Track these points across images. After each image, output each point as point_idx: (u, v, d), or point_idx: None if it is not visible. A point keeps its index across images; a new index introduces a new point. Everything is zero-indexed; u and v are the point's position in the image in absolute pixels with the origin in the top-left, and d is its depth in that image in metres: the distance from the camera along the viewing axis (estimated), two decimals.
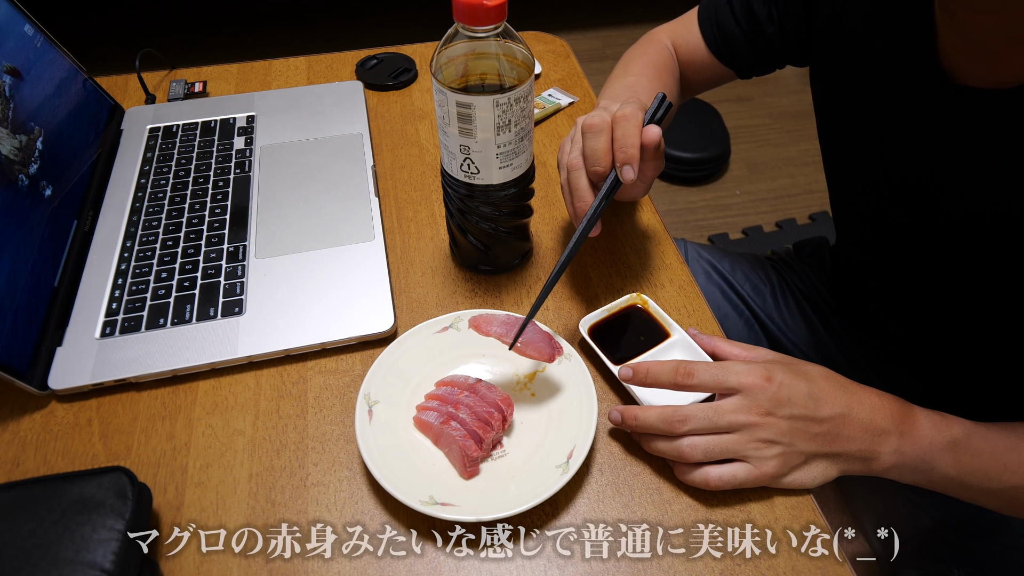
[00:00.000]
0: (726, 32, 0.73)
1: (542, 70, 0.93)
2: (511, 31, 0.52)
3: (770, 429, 0.48)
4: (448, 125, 0.55)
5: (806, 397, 0.49)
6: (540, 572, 0.48)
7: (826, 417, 0.49)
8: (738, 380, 0.49)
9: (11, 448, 0.55)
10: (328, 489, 0.52)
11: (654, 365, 0.52)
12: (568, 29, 2.50)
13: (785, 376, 0.49)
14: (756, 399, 0.48)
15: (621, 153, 0.54)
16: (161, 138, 0.81)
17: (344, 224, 0.70)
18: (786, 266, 0.88)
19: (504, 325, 0.55)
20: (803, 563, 0.48)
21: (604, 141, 0.55)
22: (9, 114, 0.65)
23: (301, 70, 0.93)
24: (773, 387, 0.49)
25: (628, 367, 0.53)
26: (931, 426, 0.51)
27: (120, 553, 0.44)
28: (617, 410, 0.52)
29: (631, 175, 0.53)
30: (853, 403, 0.50)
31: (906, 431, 0.50)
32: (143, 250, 0.68)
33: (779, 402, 0.48)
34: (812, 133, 2.37)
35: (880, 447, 0.49)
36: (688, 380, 0.50)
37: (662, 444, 0.51)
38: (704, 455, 0.49)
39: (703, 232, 1.84)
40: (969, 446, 0.51)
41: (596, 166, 0.55)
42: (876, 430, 0.50)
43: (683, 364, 0.50)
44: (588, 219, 0.55)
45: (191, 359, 0.59)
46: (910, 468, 0.50)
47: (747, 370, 0.49)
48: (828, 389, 0.50)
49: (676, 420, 0.49)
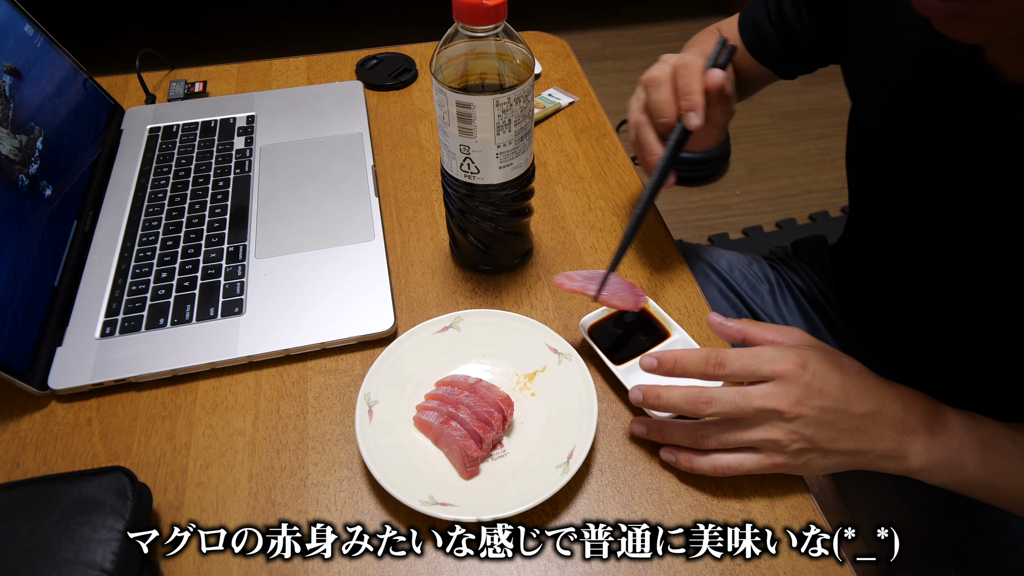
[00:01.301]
0: (760, 31, 0.73)
1: (542, 70, 0.93)
2: (511, 31, 0.52)
3: (795, 422, 0.47)
4: (448, 125, 0.55)
5: (840, 390, 0.47)
6: (540, 572, 0.48)
7: (857, 413, 0.47)
8: (771, 368, 0.47)
9: (11, 448, 0.55)
10: (328, 489, 0.52)
11: (682, 354, 0.50)
12: (568, 29, 2.50)
13: (820, 365, 0.47)
14: (787, 388, 0.46)
15: (684, 101, 0.54)
16: (161, 138, 0.81)
17: (344, 224, 0.70)
18: (784, 264, 0.88)
19: (586, 279, 0.57)
20: (803, 563, 0.48)
21: (666, 92, 0.55)
22: (9, 114, 0.65)
23: (301, 70, 0.93)
24: (807, 376, 0.47)
25: (652, 356, 0.51)
26: (961, 426, 0.50)
27: (120, 553, 0.44)
28: (639, 388, 0.51)
29: (696, 121, 0.54)
30: (885, 400, 0.48)
31: (936, 431, 0.49)
32: (143, 250, 0.68)
33: (811, 392, 0.46)
34: (812, 133, 2.36)
35: (910, 446, 0.48)
36: (719, 371, 0.47)
37: (678, 430, 0.50)
38: (718, 443, 0.48)
39: (703, 232, 1.84)
40: (998, 446, 0.50)
41: (661, 118, 0.55)
42: (907, 428, 0.48)
43: (715, 353, 0.48)
44: (659, 170, 0.56)
45: (191, 359, 0.59)
46: (940, 469, 0.49)
47: (780, 357, 0.47)
48: (863, 384, 0.48)
49: (701, 401, 0.47)
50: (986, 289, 0.60)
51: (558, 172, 0.79)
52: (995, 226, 0.56)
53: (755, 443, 0.48)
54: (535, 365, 0.58)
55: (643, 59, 2.40)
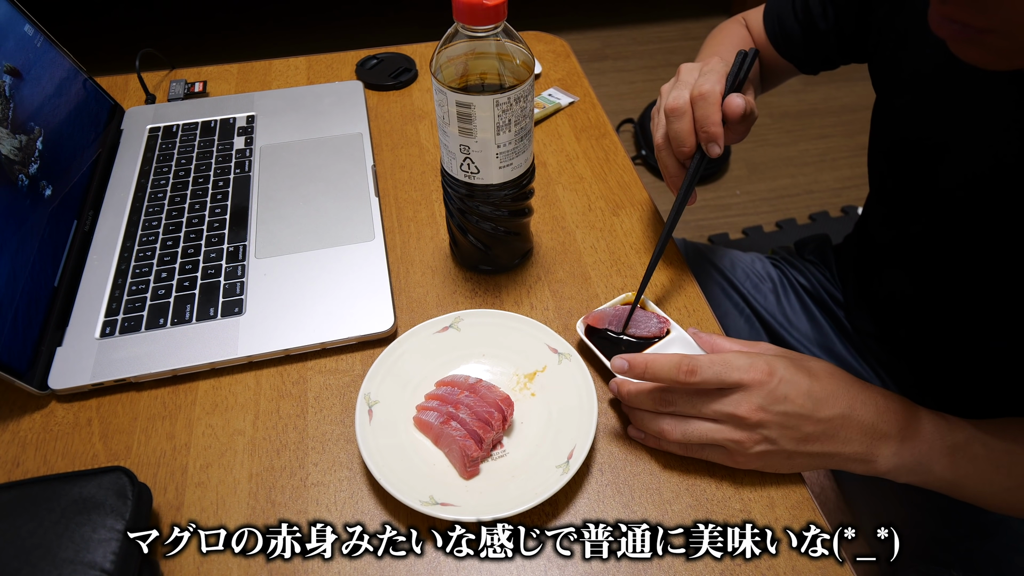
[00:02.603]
0: (784, 26, 0.73)
1: (542, 70, 0.93)
2: (511, 31, 0.52)
3: (758, 428, 0.48)
4: (448, 125, 0.55)
5: (805, 396, 0.48)
6: (540, 572, 0.48)
7: (824, 418, 0.48)
8: (739, 376, 0.48)
9: (11, 448, 0.55)
10: (328, 489, 0.52)
11: (654, 359, 0.50)
12: (568, 29, 2.50)
13: (787, 372, 0.48)
14: (751, 395, 0.48)
15: (703, 133, 0.56)
16: (161, 138, 0.81)
17: (344, 224, 0.70)
18: (787, 263, 0.88)
19: (614, 317, 0.60)
20: (803, 563, 0.48)
21: (687, 123, 0.57)
22: (9, 114, 0.65)
23: (301, 70, 0.93)
24: (773, 382, 0.48)
25: (623, 358, 0.51)
26: (934, 430, 0.51)
27: (120, 553, 0.44)
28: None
29: (717, 151, 0.57)
30: (856, 404, 0.49)
31: (908, 435, 0.50)
32: (143, 250, 0.68)
33: (775, 398, 0.47)
34: (812, 133, 2.36)
35: (879, 451, 0.49)
36: (690, 378, 0.48)
37: (648, 417, 0.51)
38: (683, 436, 0.50)
39: (703, 232, 1.84)
40: (968, 451, 0.51)
41: (682, 147, 0.58)
42: (877, 433, 0.49)
43: (686, 360, 0.48)
44: (683, 192, 0.59)
45: (191, 359, 0.59)
46: (906, 470, 0.50)
47: (749, 365, 0.48)
48: (832, 388, 0.49)
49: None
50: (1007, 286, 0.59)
51: (558, 172, 0.79)
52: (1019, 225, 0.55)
53: (718, 442, 0.49)
54: (535, 365, 0.58)
55: (643, 59, 2.40)
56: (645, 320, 0.59)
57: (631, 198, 0.75)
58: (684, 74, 0.61)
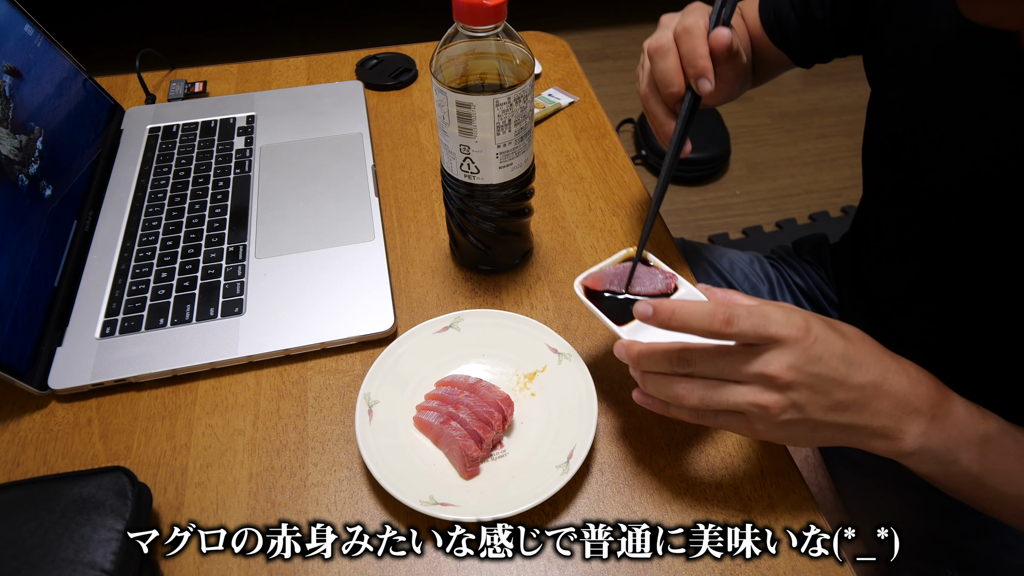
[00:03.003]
0: (780, 14, 0.71)
1: (542, 70, 0.93)
2: (511, 31, 0.52)
3: (789, 390, 0.42)
4: (448, 125, 0.55)
5: (840, 358, 0.43)
6: (540, 572, 0.48)
7: (857, 384, 0.43)
8: (776, 330, 0.42)
9: (11, 448, 0.55)
10: (328, 489, 0.52)
11: (683, 305, 0.43)
12: (568, 29, 2.50)
13: (822, 331, 0.43)
14: (784, 353, 0.42)
15: (691, 68, 0.52)
16: (161, 138, 0.81)
17: (344, 224, 0.70)
18: (784, 263, 0.88)
19: (615, 275, 0.54)
20: (803, 563, 0.48)
21: (672, 61, 0.53)
22: (9, 114, 0.65)
23: (301, 70, 0.93)
24: (809, 339, 0.42)
25: (648, 303, 0.44)
26: (967, 414, 0.47)
27: (120, 553, 0.44)
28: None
29: (708, 87, 0.52)
30: (889, 372, 0.45)
31: (939, 415, 0.46)
32: (143, 250, 0.68)
33: (809, 358, 0.42)
34: (812, 133, 2.35)
35: (907, 427, 0.45)
36: (727, 329, 0.42)
37: (659, 380, 0.45)
38: (701, 401, 0.44)
39: (703, 232, 1.84)
40: (999, 444, 0.47)
41: (669, 88, 0.53)
42: (908, 408, 0.45)
43: (723, 308, 0.42)
44: (675, 143, 0.54)
45: (191, 359, 0.59)
46: (932, 456, 0.46)
47: (787, 319, 0.42)
48: (865, 352, 0.44)
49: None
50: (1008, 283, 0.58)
51: (558, 172, 0.79)
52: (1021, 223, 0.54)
53: (741, 407, 0.43)
54: (535, 365, 0.58)
55: None
56: (649, 276, 0.54)
57: (631, 198, 0.75)
58: (665, 20, 0.57)
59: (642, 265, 0.55)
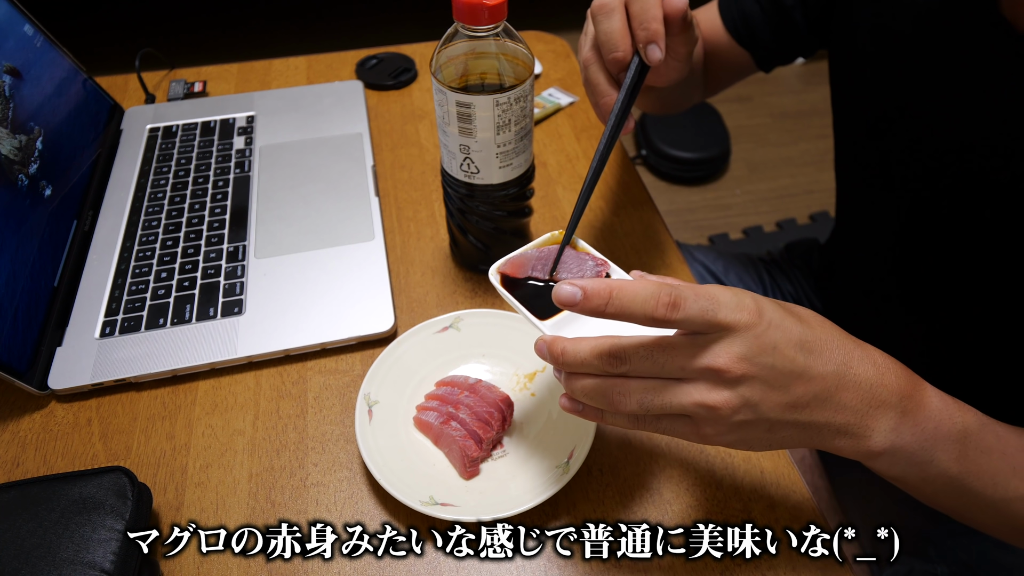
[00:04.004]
0: (744, 10, 0.69)
1: (542, 70, 0.93)
2: (511, 31, 0.52)
3: (740, 385, 0.37)
4: (448, 125, 0.55)
5: (796, 347, 0.37)
6: (540, 572, 0.48)
7: (817, 375, 0.38)
8: (726, 315, 0.36)
9: (11, 448, 0.55)
10: (328, 489, 0.52)
11: (622, 285, 0.36)
12: (568, 29, 2.49)
13: (775, 314, 0.38)
14: (733, 341, 0.36)
15: (642, 31, 0.45)
16: (161, 138, 0.81)
17: (344, 224, 0.70)
18: (777, 268, 0.88)
19: (538, 260, 0.47)
20: (803, 563, 0.48)
21: (619, 21, 0.46)
22: (9, 114, 0.65)
23: (301, 70, 0.93)
24: (761, 325, 0.36)
25: (574, 284, 0.36)
26: (942, 408, 0.41)
27: (120, 553, 0.44)
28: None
29: (658, 55, 0.45)
30: (853, 359, 0.39)
31: (910, 409, 0.40)
32: (143, 250, 0.68)
33: (762, 347, 0.36)
34: (812, 133, 2.35)
35: (875, 423, 0.39)
36: (672, 314, 0.35)
37: (588, 383, 0.39)
38: (640, 405, 0.38)
39: (703, 232, 1.84)
40: (980, 440, 0.42)
41: (614, 52, 0.46)
42: (875, 400, 0.39)
43: (667, 289, 0.36)
44: (616, 115, 0.47)
45: (191, 359, 0.59)
46: (905, 456, 0.41)
47: (737, 303, 0.37)
48: (824, 338, 0.39)
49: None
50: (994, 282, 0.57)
51: (558, 172, 0.79)
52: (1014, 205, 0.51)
53: (687, 409, 0.37)
54: (535, 365, 0.58)
55: None
56: (577, 262, 0.47)
57: (631, 198, 0.75)
58: None
59: (570, 250, 0.48)
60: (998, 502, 0.43)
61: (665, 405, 0.38)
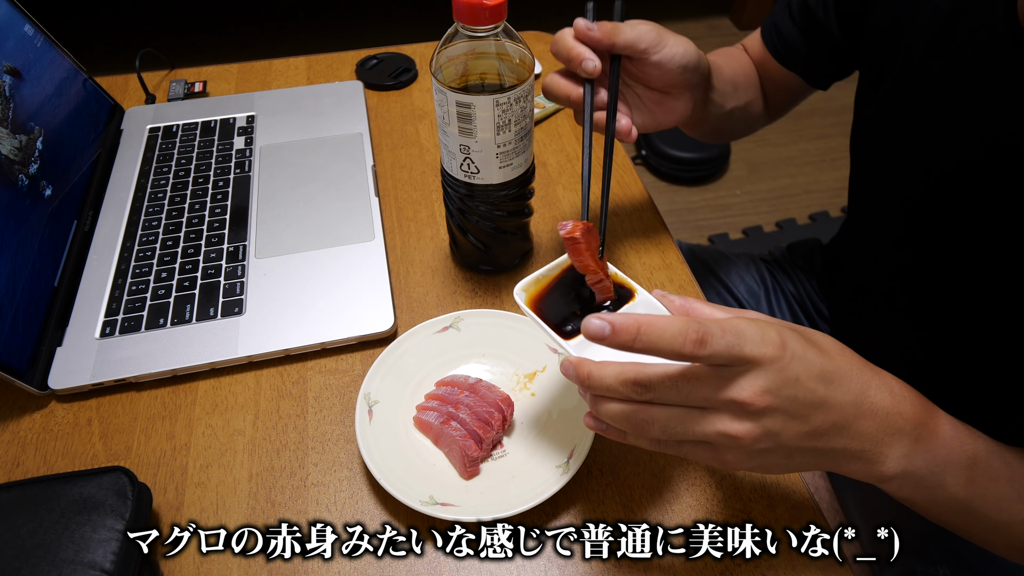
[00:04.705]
0: (782, 31, 0.70)
1: (542, 70, 0.93)
2: (511, 31, 0.52)
3: (763, 416, 0.38)
4: (448, 125, 0.55)
5: (817, 378, 0.38)
6: (540, 572, 0.48)
7: (836, 404, 0.39)
8: (751, 350, 0.37)
9: (11, 448, 0.55)
10: (328, 489, 0.52)
11: (650, 321, 0.36)
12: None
13: (798, 346, 0.38)
14: (758, 375, 0.37)
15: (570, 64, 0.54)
16: (161, 138, 0.81)
17: (344, 224, 0.70)
18: (779, 268, 0.88)
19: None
20: (803, 563, 0.48)
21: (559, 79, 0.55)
22: (9, 114, 0.65)
23: (301, 70, 0.93)
24: (785, 358, 0.37)
25: (602, 319, 0.37)
26: (953, 435, 0.43)
27: (120, 553, 0.44)
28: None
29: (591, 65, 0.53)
30: (870, 388, 0.40)
31: (923, 436, 0.42)
32: (143, 250, 0.68)
33: (786, 380, 0.37)
34: (812, 133, 2.35)
35: (888, 450, 0.41)
36: (700, 350, 0.36)
37: (614, 407, 0.39)
38: (664, 432, 0.39)
39: (703, 232, 1.84)
40: (988, 467, 0.44)
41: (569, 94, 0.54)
42: (890, 428, 0.41)
43: (695, 325, 0.36)
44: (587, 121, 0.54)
45: (191, 359, 0.59)
46: (915, 481, 0.42)
47: (761, 337, 0.37)
48: (844, 367, 0.40)
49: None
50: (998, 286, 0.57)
51: (558, 172, 0.79)
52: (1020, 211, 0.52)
53: (708, 437, 0.39)
54: (535, 365, 0.58)
55: None
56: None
57: (631, 198, 0.75)
58: None
59: None
60: (1002, 525, 0.45)
61: (688, 433, 0.39)
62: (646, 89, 0.58)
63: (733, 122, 0.73)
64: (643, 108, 0.58)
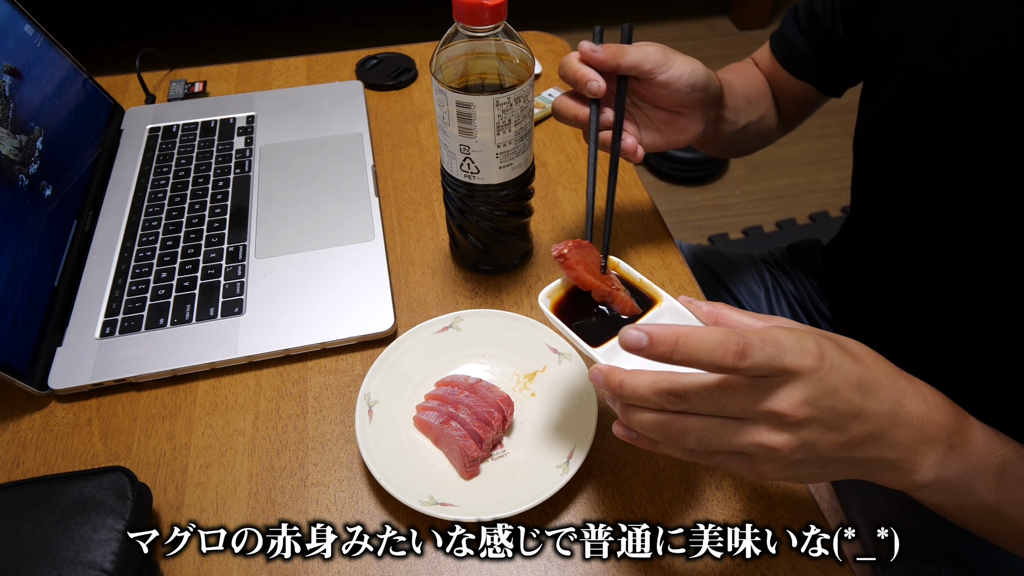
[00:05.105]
0: (790, 41, 0.70)
1: (542, 70, 0.93)
2: (511, 31, 0.52)
3: (801, 428, 0.37)
4: (448, 125, 0.55)
5: (855, 387, 0.38)
6: (540, 572, 0.48)
7: (873, 413, 0.38)
8: (791, 361, 0.36)
9: (11, 448, 0.55)
10: (328, 489, 0.52)
11: (688, 333, 0.35)
12: (568, 29, 2.50)
13: (835, 356, 0.38)
14: (796, 386, 0.36)
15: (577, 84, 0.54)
16: (161, 138, 0.81)
17: (344, 224, 0.70)
18: (779, 268, 0.88)
19: None
20: (803, 563, 0.48)
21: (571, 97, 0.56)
22: (9, 114, 0.65)
23: (301, 70, 0.93)
24: (824, 369, 0.37)
25: (640, 330, 0.36)
26: (985, 442, 0.43)
27: (120, 553, 0.44)
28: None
29: (596, 86, 0.54)
30: (906, 396, 0.40)
31: (956, 444, 0.41)
32: (143, 250, 0.68)
33: (824, 390, 0.37)
34: (812, 133, 2.35)
35: (923, 458, 0.40)
36: (740, 362, 0.35)
37: (647, 417, 0.39)
38: (698, 443, 0.38)
39: (703, 232, 1.84)
40: (1018, 471, 0.44)
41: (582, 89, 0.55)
42: (924, 436, 0.40)
43: (735, 337, 0.35)
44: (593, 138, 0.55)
45: (191, 359, 0.59)
46: (947, 488, 0.42)
47: (800, 347, 0.36)
48: (879, 376, 0.39)
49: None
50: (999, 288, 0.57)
51: (558, 172, 0.79)
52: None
53: (744, 448, 0.38)
54: (535, 365, 0.58)
55: None
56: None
57: (631, 198, 0.75)
58: None
59: (613, 274, 0.49)
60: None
61: (724, 444, 0.38)
62: (655, 109, 0.58)
63: (748, 137, 0.73)
64: (653, 128, 0.59)
